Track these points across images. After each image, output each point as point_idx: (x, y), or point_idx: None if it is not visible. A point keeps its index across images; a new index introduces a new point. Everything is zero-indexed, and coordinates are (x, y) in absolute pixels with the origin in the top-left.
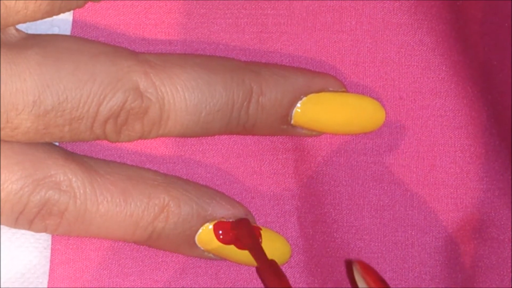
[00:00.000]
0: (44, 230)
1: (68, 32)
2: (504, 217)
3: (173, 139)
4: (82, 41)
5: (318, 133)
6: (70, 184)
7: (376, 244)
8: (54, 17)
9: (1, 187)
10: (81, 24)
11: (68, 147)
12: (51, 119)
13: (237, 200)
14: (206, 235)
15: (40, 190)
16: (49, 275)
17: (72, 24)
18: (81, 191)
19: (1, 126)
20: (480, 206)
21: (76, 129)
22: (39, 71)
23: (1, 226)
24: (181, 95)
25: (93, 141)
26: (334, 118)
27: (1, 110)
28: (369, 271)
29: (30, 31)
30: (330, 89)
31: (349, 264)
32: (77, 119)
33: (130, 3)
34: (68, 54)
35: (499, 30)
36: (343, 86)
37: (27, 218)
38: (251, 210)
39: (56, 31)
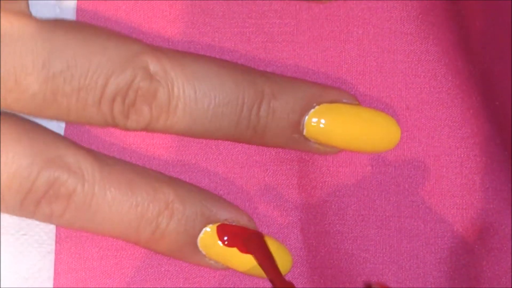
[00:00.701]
0: (50, 216)
1: None
2: (508, 228)
3: (177, 146)
4: (93, 25)
5: (331, 150)
6: (79, 166)
7: (381, 255)
8: (57, 16)
9: (12, 161)
10: None
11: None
12: (59, 85)
13: None
14: (208, 238)
15: (49, 168)
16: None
17: None
18: (90, 175)
19: (10, 87)
20: (485, 216)
21: (84, 102)
22: (50, 36)
23: (5, 231)
24: (190, 83)
25: (98, 142)
26: (347, 130)
27: (11, 70)
28: None
29: None
30: (344, 100)
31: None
32: (85, 89)
33: (134, 12)
34: (79, 29)
35: (499, 40)
36: (356, 100)
37: (34, 199)
38: (255, 220)
39: None
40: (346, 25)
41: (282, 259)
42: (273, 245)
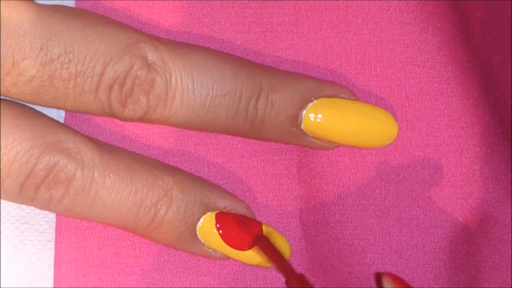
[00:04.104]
0: (49, 202)
1: None
2: (508, 217)
3: (177, 136)
4: (92, 12)
5: (329, 145)
6: (79, 151)
7: (381, 244)
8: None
9: (12, 145)
10: None
11: None
12: (56, 70)
13: None
14: (207, 225)
15: (49, 153)
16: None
17: None
18: (90, 160)
19: (7, 69)
20: (485, 206)
21: (81, 88)
22: (49, 21)
23: (5, 220)
24: (188, 73)
25: (98, 132)
26: (345, 125)
27: (8, 53)
28: (400, 282)
29: None
30: (342, 95)
31: (378, 277)
32: (82, 75)
33: (133, 3)
34: (79, 15)
35: (499, 30)
36: (354, 95)
37: (33, 183)
38: (254, 211)
39: None
40: (345, 15)
41: (281, 247)
42: (271, 233)
